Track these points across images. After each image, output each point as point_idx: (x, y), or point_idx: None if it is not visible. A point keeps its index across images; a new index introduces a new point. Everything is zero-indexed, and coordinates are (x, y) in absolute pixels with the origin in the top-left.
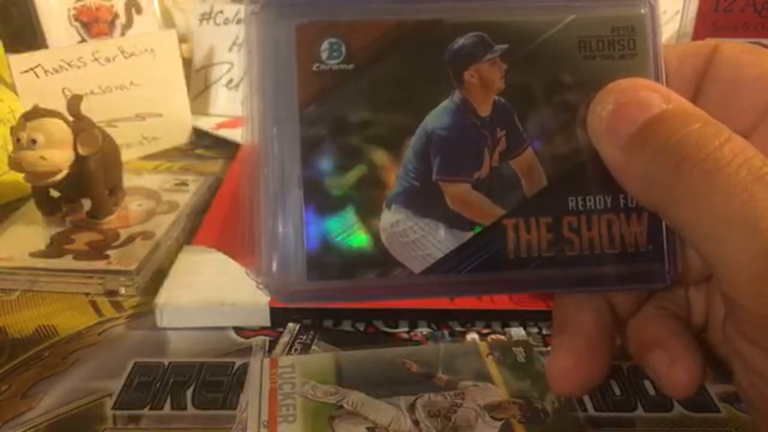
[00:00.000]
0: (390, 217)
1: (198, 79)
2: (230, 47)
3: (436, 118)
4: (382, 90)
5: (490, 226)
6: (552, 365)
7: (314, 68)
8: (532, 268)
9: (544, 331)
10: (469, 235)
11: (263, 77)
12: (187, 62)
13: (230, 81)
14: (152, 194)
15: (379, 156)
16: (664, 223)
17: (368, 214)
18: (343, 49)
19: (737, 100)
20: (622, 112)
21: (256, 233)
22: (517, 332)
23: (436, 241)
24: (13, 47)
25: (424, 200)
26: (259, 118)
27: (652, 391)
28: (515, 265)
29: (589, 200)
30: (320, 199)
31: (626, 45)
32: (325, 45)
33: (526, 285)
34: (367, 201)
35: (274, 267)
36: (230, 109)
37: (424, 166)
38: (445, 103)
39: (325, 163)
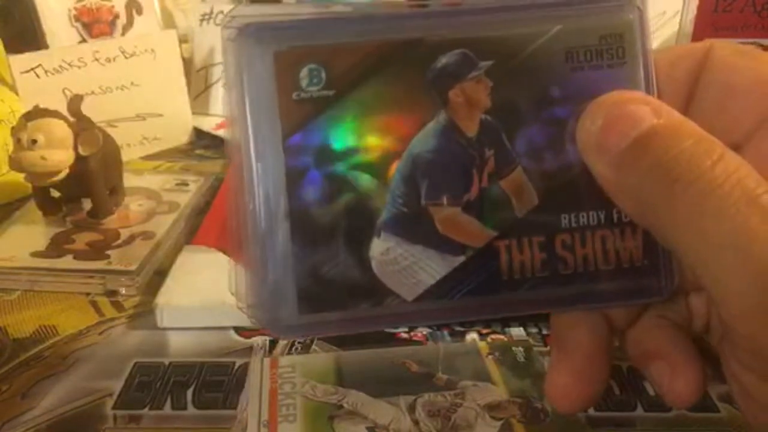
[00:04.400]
0: (380, 245)
1: (198, 80)
2: None
3: (422, 140)
4: (365, 115)
5: (482, 249)
6: (551, 383)
7: (295, 96)
8: (526, 289)
9: (544, 331)
10: (461, 259)
11: (243, 109)
12: (188, 62)
13: None
14: (153, 194)
15: (366, 183)
16: None
17: (358, 243)
18: (323, 74)
19: (732, 107)
20: (612, 127)
21: (245, 267)
22: (517, 332)
23: (428, 267)
24: (14, 48)
25: (413, 226)
26: (243, 150)
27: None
28: (509, 287)
29: (582, 216)
30: (308, 230)
31: (615, 53)
32: (304, 72)
33: (522, 306)
34: (356, 229)
35: (265, 302)
36: None
37: (412, 190)
38: (431, 125)
39: (312, 194)
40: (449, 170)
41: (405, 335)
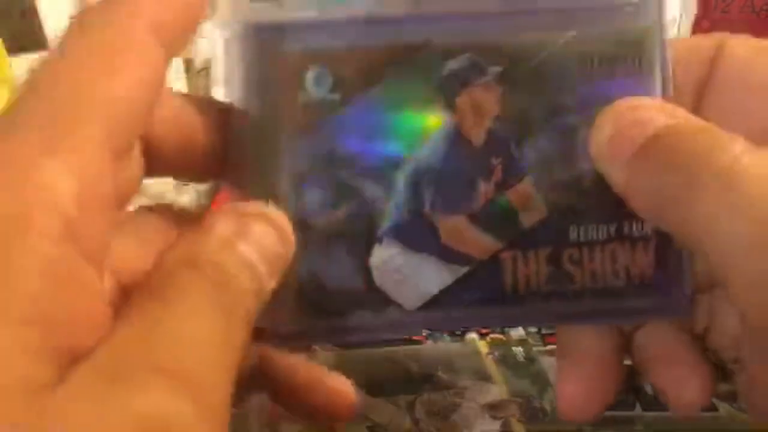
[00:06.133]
0: (382, 253)
1: (198, 80)
2: None
3: (428, 148)
4: (370, 120)
5: (487, 260)
6: (562, 395)
7: (300, 99)
8: (531, 303)
9: (543, 331)
10: (465, 270)
11: (245, 110)
12: (188, 63)
13: None
14: (153, 195)
15: (370, 189)
16: (671, 253)
17: (359, 249)
18: (329, 78)
19: (749, 107)
20: (624, 131)
21: None
22: (517, 332)
23: (430, 276)
24: (15, 48)
25: (416, 235)
26: (245, 152)
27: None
28: (513, 300)
29: (591, 230)
30: (309, 237)
31: (631, 61)
32: (309, 74)
33: (526, 319)
34: (358, 236)
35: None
36: None
37: (416, 198)
38: (437, 132)
39: (314, 199)
40: (455, 179)
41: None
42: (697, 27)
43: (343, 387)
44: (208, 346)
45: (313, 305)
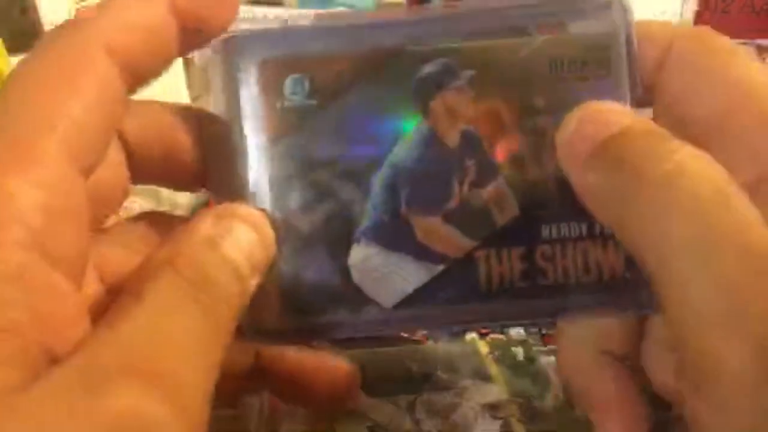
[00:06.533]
0: (360, 253)
1: (198, 79)
2: None
3: (403, 150)
4: (347, 124)
5: (462, 258)
6: None
7: (279, 105)
8: (505, 299)
9: (544, 331)
10: (440, 268)
11: (229, 116)
12: (188, 61)
13: None
14: (153, 194)
15: (348, 191)
16: None
17: (338, 250)
18: (307, 84)
19: (692, 110)
20: (583, 132)
21: None
22: (517, 332)
23: (407, 275)
24: (15, 48)
25: (393, 234)
26: (227, 157)
27: (651, 390)
28: (488, 298)
29: (564, 228)
30: (290, 237)
31: (600, 64)
32: (288, 81)
33: (501, 316)
34: (336, 237)
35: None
36: None
37: (393, 199)
38: (412, 135)
39: (295, 201)
40: (430, 180)
41: (405, 334)
42: (697, 26)
43: (344, 366)
44: (184, 345)
45: (293, 304)
